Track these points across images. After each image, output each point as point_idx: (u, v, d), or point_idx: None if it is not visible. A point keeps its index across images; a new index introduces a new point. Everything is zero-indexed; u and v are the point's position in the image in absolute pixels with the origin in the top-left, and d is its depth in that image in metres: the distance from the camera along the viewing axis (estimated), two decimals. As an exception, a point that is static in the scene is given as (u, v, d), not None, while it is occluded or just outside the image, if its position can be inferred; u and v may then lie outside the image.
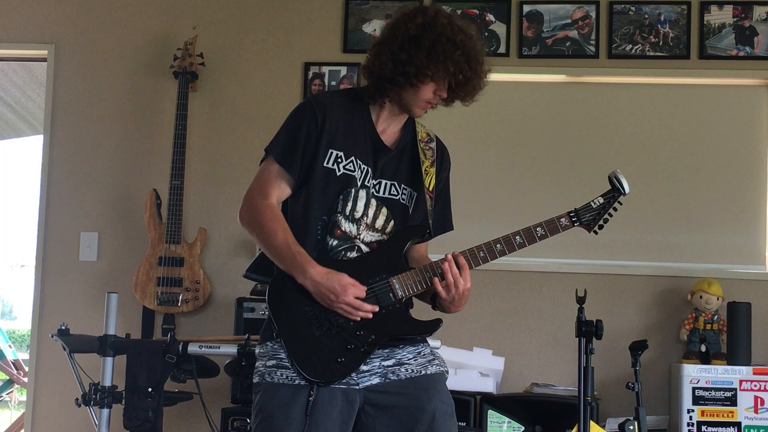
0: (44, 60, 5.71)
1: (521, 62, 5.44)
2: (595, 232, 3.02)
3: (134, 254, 5.38)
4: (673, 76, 5.39)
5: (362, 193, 2.93)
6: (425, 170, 3.02)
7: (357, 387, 2.84)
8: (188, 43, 5.42)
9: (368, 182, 2.94)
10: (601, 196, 3.00)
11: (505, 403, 4.82)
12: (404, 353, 2.92)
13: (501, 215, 5.31)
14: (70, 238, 5.55)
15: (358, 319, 2.82)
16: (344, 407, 2.82)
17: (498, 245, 2.92)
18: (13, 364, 8.92)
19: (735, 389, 4.73)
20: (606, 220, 3.01)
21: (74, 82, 5.65)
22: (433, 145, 3.09)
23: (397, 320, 2.89)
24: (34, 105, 7.68)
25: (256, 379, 2.91)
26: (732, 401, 4.72)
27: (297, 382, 2.81)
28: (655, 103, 5.42)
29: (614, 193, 2.98)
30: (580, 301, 3.44)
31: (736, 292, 5.08)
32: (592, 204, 2.99)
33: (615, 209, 3.00)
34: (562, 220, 2.96)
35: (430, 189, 3.03)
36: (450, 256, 2.89)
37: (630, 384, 3.66)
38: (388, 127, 3.02)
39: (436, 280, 2.87)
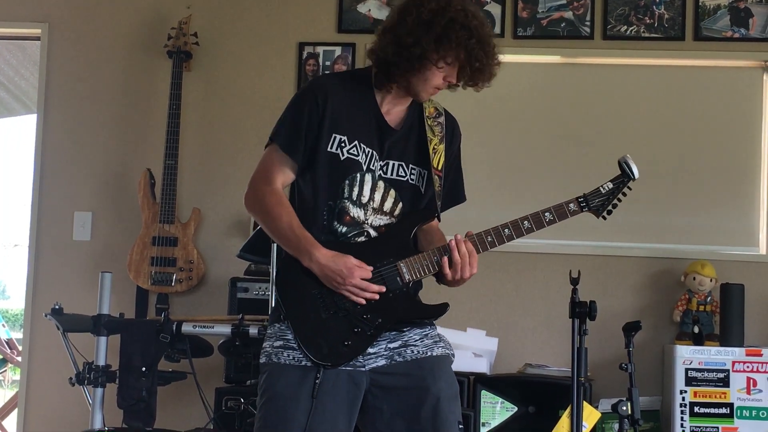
0: (38, 39, 5.68)
1: (516, 43, 5.42)
2: (604, 218, 3.00)
3: (128, 234, 5.37)
4: (668, 57, 5.38)
5: (368, 177, 2.92)
6: (433, 149, 3.00)
7: (363, 369, 2.85)
8: (182, 23, 5.40)
9: (374, 165, 2.92)
10: (611, 181, 2.97)
11: (499, 384, 4.83)
12: (411, 335, 2.91)
13: (494, 198, 5.28)
14: (63, 217, 5.54)
15: (364, 301, 2.82)
16: (351, 389, 2.83)
17: (506, 230, 2.91)
18: (7, 343, 8.93)
19: (728, 370, 4.74)
20: (615, 206, 2.99)
21: (68, 61, 5.63)
22: (442, 119, 3.06)
23: (405, 304, 2.89)
24: (28, 84, 7.64)
25: (262, 360, 2.91)
26: (725, 382, 4.73)
27: (304, 363, 2.81)
28: (650, 85, 5.41)
29: (624, 178, 2.95)
30: (574, 282, 3.44)
31: (729, 274, 5.08)
32: (601, 189, 2.96)
33: (624, 194, 2.99)
34: (571, 205, 2.94)
35: (438, 168, 3.00)
36: (458, 237, 2.89)
37: (623, 365, 3.66)
38: (394, 108, 2.98)
39: (445, 260, 2.87)
